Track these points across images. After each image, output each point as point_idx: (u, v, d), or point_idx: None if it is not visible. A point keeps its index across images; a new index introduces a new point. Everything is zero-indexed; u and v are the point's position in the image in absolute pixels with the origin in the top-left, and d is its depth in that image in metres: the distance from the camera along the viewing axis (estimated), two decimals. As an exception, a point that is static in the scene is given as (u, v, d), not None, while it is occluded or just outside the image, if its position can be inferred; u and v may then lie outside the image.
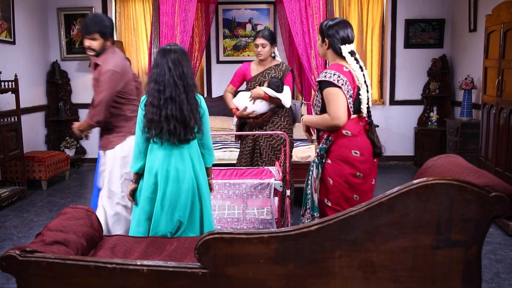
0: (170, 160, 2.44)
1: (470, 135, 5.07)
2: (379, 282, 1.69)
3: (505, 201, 1.61)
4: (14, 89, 4.71)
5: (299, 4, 4.41)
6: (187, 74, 2.40)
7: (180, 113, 2.36)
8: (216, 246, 1.67)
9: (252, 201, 3.25)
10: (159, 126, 2.37)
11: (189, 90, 2.40)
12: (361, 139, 2.50)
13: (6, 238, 3.76)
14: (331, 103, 2.42)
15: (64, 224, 2.09)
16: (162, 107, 2.35)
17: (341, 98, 2.39)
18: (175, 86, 2.36)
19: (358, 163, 2.46)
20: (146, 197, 2.51)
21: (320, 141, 2.58)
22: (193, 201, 2.52)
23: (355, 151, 2.46)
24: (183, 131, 2.38)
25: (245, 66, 3.82)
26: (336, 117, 2.39)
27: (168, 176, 2.44)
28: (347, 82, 2.41)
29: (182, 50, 2.44)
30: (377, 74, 6.46)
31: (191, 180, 2.49)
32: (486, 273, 3.02)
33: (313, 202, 2.54)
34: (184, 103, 2.37)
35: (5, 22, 5.15)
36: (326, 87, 2.42)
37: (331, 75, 2.41)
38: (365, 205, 1.64)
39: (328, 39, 2.49)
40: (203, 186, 2.56)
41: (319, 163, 2.51)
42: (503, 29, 4.01)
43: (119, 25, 6.41)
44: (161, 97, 2.36)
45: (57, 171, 5.43)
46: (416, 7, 6.19)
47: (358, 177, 2.48)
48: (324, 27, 2.51)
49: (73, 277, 1.75)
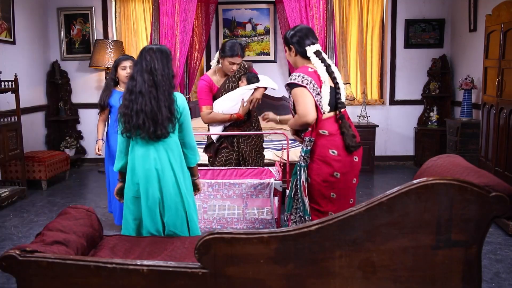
0: (148, 160, 2.45)
1: (470, 135, 5.07)
2: (379, 282, 1.69)
3: (505, 201, 1.61)
4: (14, 89, 4.70)
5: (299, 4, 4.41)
6: (158, 70, 2.40)
7: (149, 108, 2.38)
8: (216, 246, 1.67)
9: (252, 201, 3.25)
10: (130, 120, 2.40)
11: (159, 85, 2.40)
12: (338, 138, 2.58)
13: (6, 238, 3.76)
14: (297, 102, 2.54)
15: (64, 224, 2.09)
16: (133, 101, 2.40)
17: (307, 96, 2.51)
18: (143, 81, 2.39)
19: (335, 162, 2.54)
20: (130, 196, 2.52)
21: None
22: (176, 200, 2.50)
23: (333, 150, 2.55)
24: (152, 126, 2.38)
25: (206, 81, 3.47)
26: (303, 114, 2.49)
27: (149, 176, 2.45)
28: (312, 81, 2.52)
29: (160, 48, 2.46)
30: (377, 74, 6.46)
31: (170, 179, 2.47)
32: (486, 273, 3.02)
33: (304, 206, 2.57)
34: (153, 99, 2.39)
35: (5, 22, 5.15)
36: (292, 89, 2.56)
37: (296, 77, 2.54)
38: (365, 205, 1.64)
39: (294, 46, 2.66)
40: (184, 186, 2.53)
41: (305, 166, 2.56)
42: (503, 29, 4.01)
43: (119, 25, 6.41)
44: (133, 92, 2.41)
45: (57, 171, 5.43)
46: (416, 7, 6.19)
47: (335, 176, 2.55)
48: (288, 36, 2.69)
49: (73, 277, 1.75)
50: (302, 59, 2.67)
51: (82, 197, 5.03)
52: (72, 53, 6.36)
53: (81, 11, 6.28)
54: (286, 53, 2.76)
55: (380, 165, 6.36)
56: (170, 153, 2.48)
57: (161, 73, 2.41)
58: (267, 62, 6.47)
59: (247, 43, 6.45)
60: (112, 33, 6.37)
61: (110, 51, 5.78)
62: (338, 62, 5.20)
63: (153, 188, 2.45)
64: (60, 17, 6.28)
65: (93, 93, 6.38)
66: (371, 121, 6.10)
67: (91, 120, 6.38)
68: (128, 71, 3.56)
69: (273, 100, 6.34)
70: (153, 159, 2.44)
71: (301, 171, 2.56)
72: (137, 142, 2.46)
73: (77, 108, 6.45)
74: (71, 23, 6.31)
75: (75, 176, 5.96)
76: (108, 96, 3.60)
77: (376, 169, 6.04)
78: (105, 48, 5.79)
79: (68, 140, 6.33)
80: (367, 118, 6.05)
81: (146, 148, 2.45)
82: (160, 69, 2.41)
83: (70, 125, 6.46)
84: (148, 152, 2.45)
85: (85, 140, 6.53)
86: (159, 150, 2.45)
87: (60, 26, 6.30)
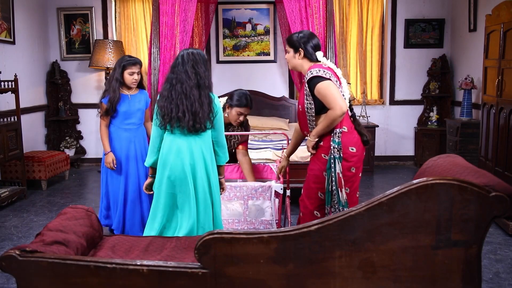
0: (183, 154, 2.54)
1: (470, 135, 5.07)
2: (379, 282, 1.69)
3: (505, 201, 1.61)
4: (14, 89, 4.70)
5: (299, 4, 4.40)
6: (200, 70, 2.55)
7: (191, 103, 2.50)
8: (216, 246, 1.67)
9: (252, 202, 3.26)
10: (170, 112, 2.52)
11: (201, 84, 2.54)
12: (355, 136, 2.64)
13: (6, 238, 3.76)
14: (327, 96, 2.52)
15: (64, 224, 2.09)
16: (174, 95, 2.53)
17: (334, 88, 2.52)
18: (187, 78, 2.53)
19: (353, 158, 2.60)
20: (163, 191, 2.58)
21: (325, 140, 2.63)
22: (205, 197, 2.59)
23: (352, 147, 2.60)
24: (191, 120, 2.50)
25: None
26: (338, 106, 2.49)
27: (184, 171, 2.53)
28: (332, 75, 2.56)
29: (200, 52, 2.63)
30: (377, 74, 6.46)
31: (203, 174, 2.57)
32: (486, 273, 3.02)
33: (339, 198, 2.58)
34: (196, 95, 2.52)
35: (5, 22, 5.15)
36: (316, 83, 2.54)
37: (318, 71, 2.55)
38: (365, 205, 1.64)
39: (303, 48, 2.67)
40: (214, 183, 2.64)
41: (339, 157, 2.58)
42: (503, 29, 4.01)
43: (119, 25, 6.41)
44: (173, 86, 2.54)
45: (57, 171, 5.42)
46: (416, 7, 6.19)
47: (351, 171, 2.62)
48: (296, 38, 2.70)
49: (73, 277, 1.74)
50: (308, 61, 2.69)
51: (82, 197, 5.03)
52: (72, 53, 6.36)
53: (81, 11, 6.28)
54: (288, 54, 2.75)
55: (380, 165, 6.36)
56: (204, 148, 2.58)
57: (203, 73, 2.56)
58: (267, 62, 6.47)
59: (247, 43, 6.45)
60: (112, 33, 6.37)
61: (110, 51, 5.78)
62: (338, 62, 5.20)
63: (188, 183, 2.53)
64: (60, 17, 6.28)
65: (93, 93, 6.38)
66: (371, 121, 6.10)
67: (91, 120, 6.37)
68: (135, 77, 3.43)
69: (273, 100, 6.35)
70: (189, 153, 2.54)
71: (336, 163, 2.56)
72: (174, 134, 2.56)
73: (77, 108, 6.45)
74: (71, 23, 6.31)
75: (75, 176, 5.96)
76: (118, 101, 3.39)
77: (376, 169, 6.04)
78: (105, 48, 5.79)
79: (68, 140, 6.33)
80: (367, 118, 6.05)
81: (181, 141, 2.55)
82: (202, 70, 2.57)
83: (70, 125, 6.45)
84: (183, 146, 2.55)
85: (85, 140, 6.53)
86: (194, 144, 2.56)
87: (60, 26, 6.29)
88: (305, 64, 2.70)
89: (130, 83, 3.44)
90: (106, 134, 3.47)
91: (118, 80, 3.40)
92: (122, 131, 3.47)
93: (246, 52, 6.47)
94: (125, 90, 3.47)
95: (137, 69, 3.45)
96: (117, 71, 3.41)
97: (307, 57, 2.68)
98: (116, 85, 3.39)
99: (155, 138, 2.64)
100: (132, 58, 3.47)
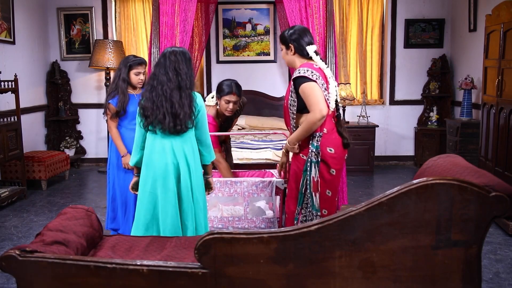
0: (165, 154, 2.54)
1: (470, 135, 5.07)
2: (379, 282, 1.69)
3: (505, 201, 1.61)
4: (14, 89, 4.70)
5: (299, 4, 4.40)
6: (182, 70, 2.54)
7: (171, 105, 2.50)
8: (216, 246, 1.67)
9: (253, 199, 3.26)
10: (151, 114, 2.52)
11: (182, 84, 2.53)
12: (335, 136, 2.62)
13: (6, 238, 3.76)
14: (309, 97, 2.52)
15: (64, 224, 2.09)
16: (156, 97, 2.52)
17: (318, 90, 2.51)
18: (167, 80, 2.52)
19: (332, 160, 2.58)
20: (146, 191, 2.57)
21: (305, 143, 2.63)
22: (188, 197, 2.58)
23: (330, 148, 2.58)
24: (172, 121, 2.50)
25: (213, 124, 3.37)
26: (318, 109, 2.48)
27: (167, 170, 2.53)
28: (319, 77, 2.54)
29: (183, 51, 2.60)
30: (377, 74, 6.46)
31: (185, 173, 2.56)
32: (486, 273, 3.02)
33: (313, 201, 2.57)
34: (176, 96, 2.51)
35: (5, 22, 5.15)
36: (301, 83, 2.54)
37: (305, 71, 2.54)
38: (365, 205, 1.64)
39: (293, 44, 2.65)
40: (195, 181, 2.61)
41: (316, 162, 2.56)
42: (503, 29, 4.01)
43: (119, 25, 6.41)
44: (154, 88, 2.54)
45: (57, 171, 5.42)
46: (416, 7, 6.19)
47: (331, 174, 2.60)
48: (287, 35, 2.68)
49: (73, 277, 1.74)
50: (300, 58, 2.67)
51: (82, 197, 5.03)
52: (72, 53, 6.36)
53: (81, 11, 6.28)
54: (282, 51, 2.75)
55: (380, 165, 6.36)
56: (185, 147, 2.57)
57: (185, 73, 2.55)
58: (267, 62, 6.47)
59: (247, 43, 6.45)
60: (112, 33, 6.37)
61: (110, 51, 5.78)
62: (338, 62, 5.20)
63: (170, 182, 2.53)
64: (60, 17, 6.28)
65: (93, 93, 6.38)
66: (371, 121, 6.10)
67: (91, 120, 6.37)
68: (141, 77, 3.42)
69: (273, 100, 6.35)
70: (171, 153, 2.54)
71: (312, 167, 2.57)
72: (157, 134, 2.57)
73: (77, 108, 6.45)
74: (71, 23, 6.31)
75: (75, 176, 5.96)
76: (127, 103, 3.36)
77: (376, 169, 6.03)
78: (105, 48, 5.79)
79: (68, 140, 6.33)
80: (367, 118, 6.05)
81: (164, 141, 2.55)
82: (184, 69, 2.55)
83: (70, 125, 6.45)
84: (166, 145, 2.55)
85: (85, 140, 6.53)
86: (176, 144, 2.56)
87: (60, 26, 6.29)
88: (297, 60, 2.68)
89: (136, 83, 3.43)
90: (119, 136, 3.42)
91: (125, 81, 3.38)
92: (130, 131, 3.44)
93: (246, 52, 6.47)
94: (131, 89, 3.46)
95: (143, 69, 3.45)
96: (123, 71, 3.38)
97: (298, 53, 2.66)
98: (124, 86, 3.37)
99: (138, 137, 2.67)
100: (137, 58, 3.47)
